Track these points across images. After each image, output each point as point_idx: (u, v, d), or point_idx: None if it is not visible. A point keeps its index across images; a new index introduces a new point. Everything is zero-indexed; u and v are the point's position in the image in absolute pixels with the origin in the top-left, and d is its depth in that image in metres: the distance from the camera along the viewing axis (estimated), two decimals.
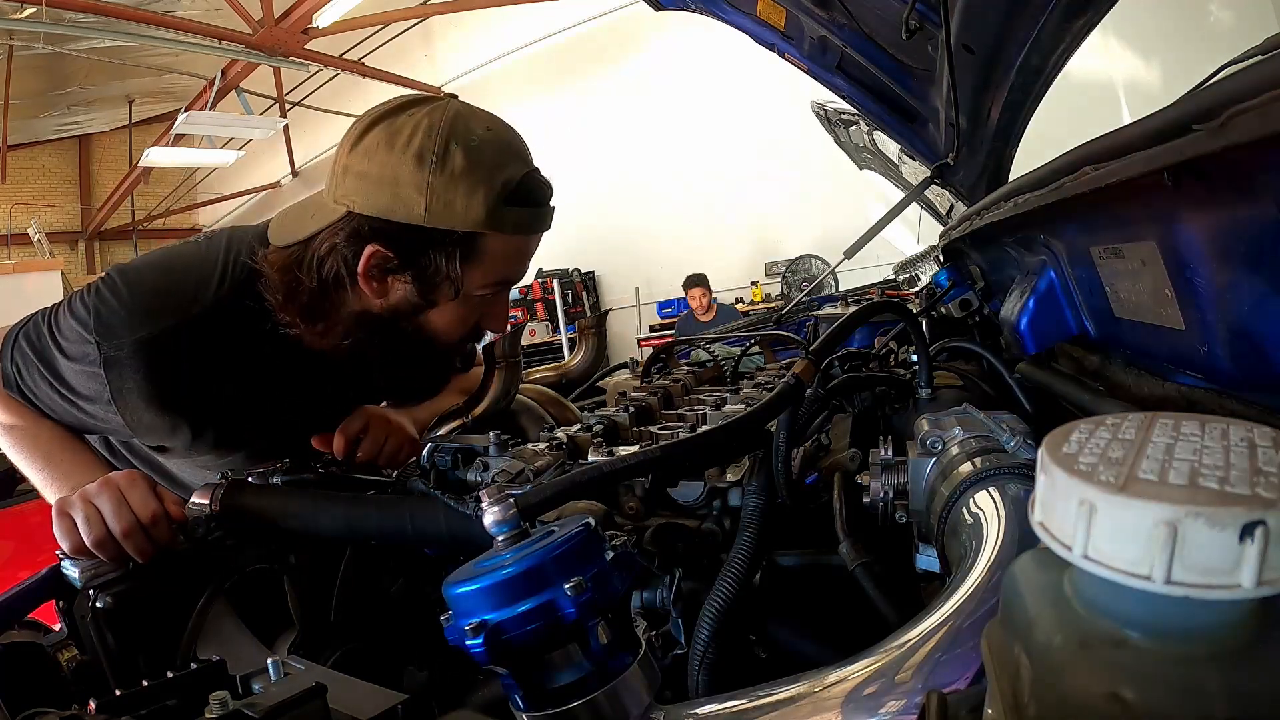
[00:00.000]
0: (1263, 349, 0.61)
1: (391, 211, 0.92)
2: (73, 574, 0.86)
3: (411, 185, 0.91)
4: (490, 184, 0.93)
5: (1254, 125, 0.43)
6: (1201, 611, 0.25)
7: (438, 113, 0.94)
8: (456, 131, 0.93)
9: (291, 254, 0.99)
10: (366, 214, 0.93)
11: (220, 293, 1.02)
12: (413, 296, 0.99)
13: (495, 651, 0.48)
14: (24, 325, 1.08)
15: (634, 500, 0.92)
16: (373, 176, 0.93)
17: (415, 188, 0.91)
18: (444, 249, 0.95)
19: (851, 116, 2.89)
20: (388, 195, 0.92)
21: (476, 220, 0.93)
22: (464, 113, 0.96)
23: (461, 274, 0.97)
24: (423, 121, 0.93)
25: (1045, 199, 0.84)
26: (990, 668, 0.31)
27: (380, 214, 0.93)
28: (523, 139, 1.01)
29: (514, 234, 0.99)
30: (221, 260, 1.05)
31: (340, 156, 0.96)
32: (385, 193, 0.92)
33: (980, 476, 0.65)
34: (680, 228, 8.33)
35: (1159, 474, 0.27)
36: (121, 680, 0.80)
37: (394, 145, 0.92)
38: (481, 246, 0.97)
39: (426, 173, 0.91)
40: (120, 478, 0.89)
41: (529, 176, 0.98)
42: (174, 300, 1.01)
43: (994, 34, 1.14)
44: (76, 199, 13.16)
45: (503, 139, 0.97)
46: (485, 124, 0.96)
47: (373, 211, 0.93)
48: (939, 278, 1.74)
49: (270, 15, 7.37)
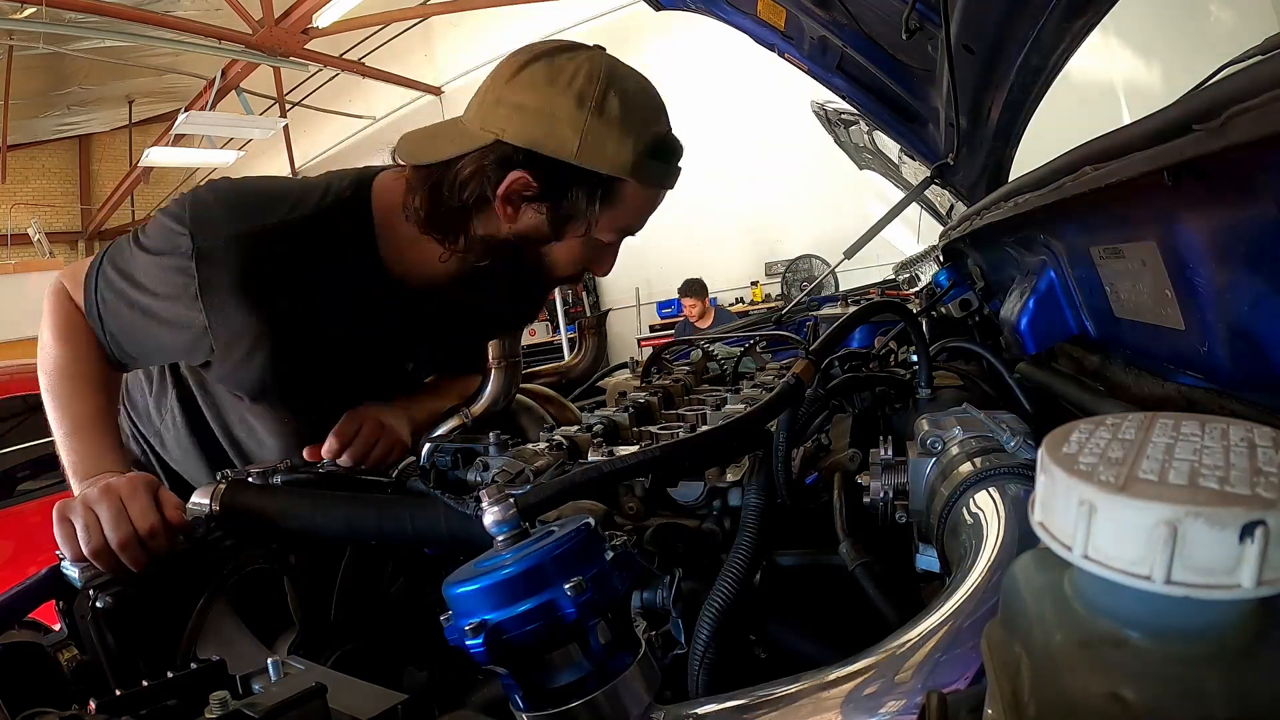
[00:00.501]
0: (1263, 349, 0.61)
1: (543, 144, 0.96)
2: (73, 574, 0.86)
3: (568, 122, 0.95)
4: (641, 134, 0.98)
5: (1254, 125, 0.43)
6: (1201, 611, 0.25)
7: (598, 59, 0.98)
8: (615, 80, 0.97)
9: (431, 173, 1.01)
10: (518, 144, 0.96)
11: (322, 206, 1.04)
12: (544, 227, 1.02)
13: (495, 651, 0.48)
14: (107, 250, 1.09)
15: (634, 500, 0.92)
16: (530, 108, 0.96)
17: (571, 125, 0.95)
18: (585, 188, 0.99)
19: (851, 116, 2.90)
20: (543, 128, 0.95)
21: (624, 166, 0.97)
22: (619, 65, 1.00)
23: (597, 215, 1.01)
24: (584, 66, 0.96)
25: (1045, 199, 0.84)
26: (990, 668, 0.31)
27: (532, 145, 0.96)
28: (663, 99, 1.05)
29: (650, 186, 1.03)
30: (324, 185, 1.07)
31: (493, 87, 0.99)
32: (541, 125, 0.95)
33: (980, 476, 0.65)
34: (680, 228, 8.30)
35: (1159, 474, 0.27)
36: (121, 680, 0.80)
37: (555, 82, 0.95)
38: (621, 192, 1.00)
39: (585, 114, 0.95)
40: (122, 486, 0.88)
41: (669, 134, 1.03)
42: (276, 203, 1.03)
43: (994, 34, 1.14)
44: (76, 199, 13.16)
45: (653, 96, 1.02)
46: (638, 80, 1.01)
47: (524, 142, 0.96)
48: (939, 278, 1.74)
49: (270, 15, 7.37)
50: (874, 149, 3.04)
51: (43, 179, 12.75)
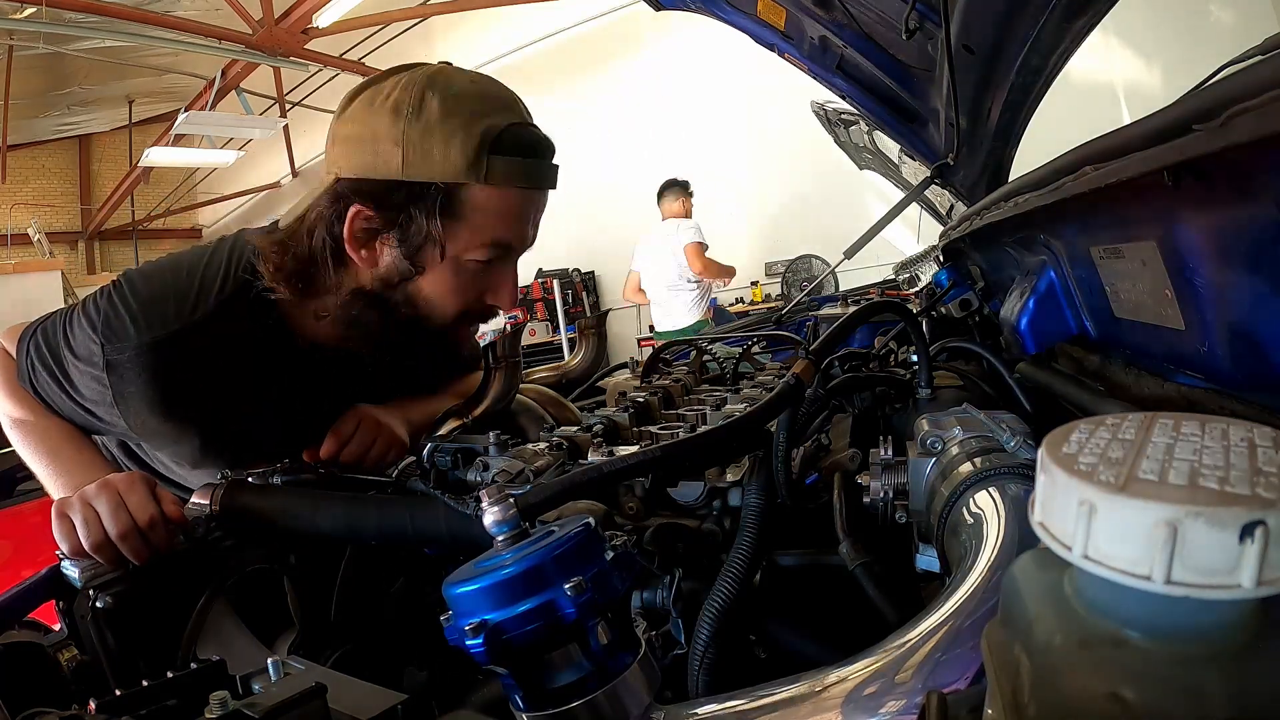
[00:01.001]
0: (1263, 349, 0.61)
1: (372, 169, 0.91)
2: (73, 574, 0.86)
3: (388, 139, 0.89)
4: (469, 130, 0.89)
5: (1254, 125, 0.43)
6: (1201, 611, 0.25)
7: (419, 70, 0.92)
8: (435, 83, 0.90)
9: (287, 230, 0.99)
10: (349, 175, 0.92)
11: (223, 295, 1.02)
12: (400, 262, 0.96)
13: (495, 651, 0.48)
14: (43, 322, 1.09)
15: (634, 500, 0.92)
16: (353, 137, 0.92)
17: (392, 140, 0.89)
18: (424, 203, 0.91)
19: (851, 116, 2.89)
20: (368, 153, 0.91)
21: (455, 169, 0.89)
22: (448, 71, 0.94)
23: (444, 231, 0.93)
24: (403, 79, 0.91)
25: (1045, 199, 0.84)
26: (990, 668, 0.31)
27: (361, 173, 0.91)
28: (516, 96, 0.97)
29: (503, 186, 0.93)
30: (225, 262, 1.04)
31: (330, 129, 0.96)
32: (365, 151, 0.91)
33: (980, 476, 0.65)
34: None
35: (1159, 474, 0.27)
36: (121, 680, 0.80)
37: (374, 103, 0.91)
38: (465, 199, 0.92)
39: (402, 124, 0.88)
40: (120, 480, 0.89)
41: (518, 125, 0.93)
42: (177, 305, 1.01)
43: (994, 34, 1.14)
44: (76, 199, 13.14)
45: (488, 90, 0.93)
46: (471, 78, 0.94)
47: (352, 171, 0.92)
48: (939, 278, 1.74)
49: (270, 15, 7.37)
50: (874, 149, 3.04)
51: (43, 179, 12.74)
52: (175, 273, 1.05)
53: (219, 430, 1.08)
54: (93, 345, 1.00)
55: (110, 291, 1.03)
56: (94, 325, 1.00)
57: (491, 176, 0.91)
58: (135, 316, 1.00)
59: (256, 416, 1.08)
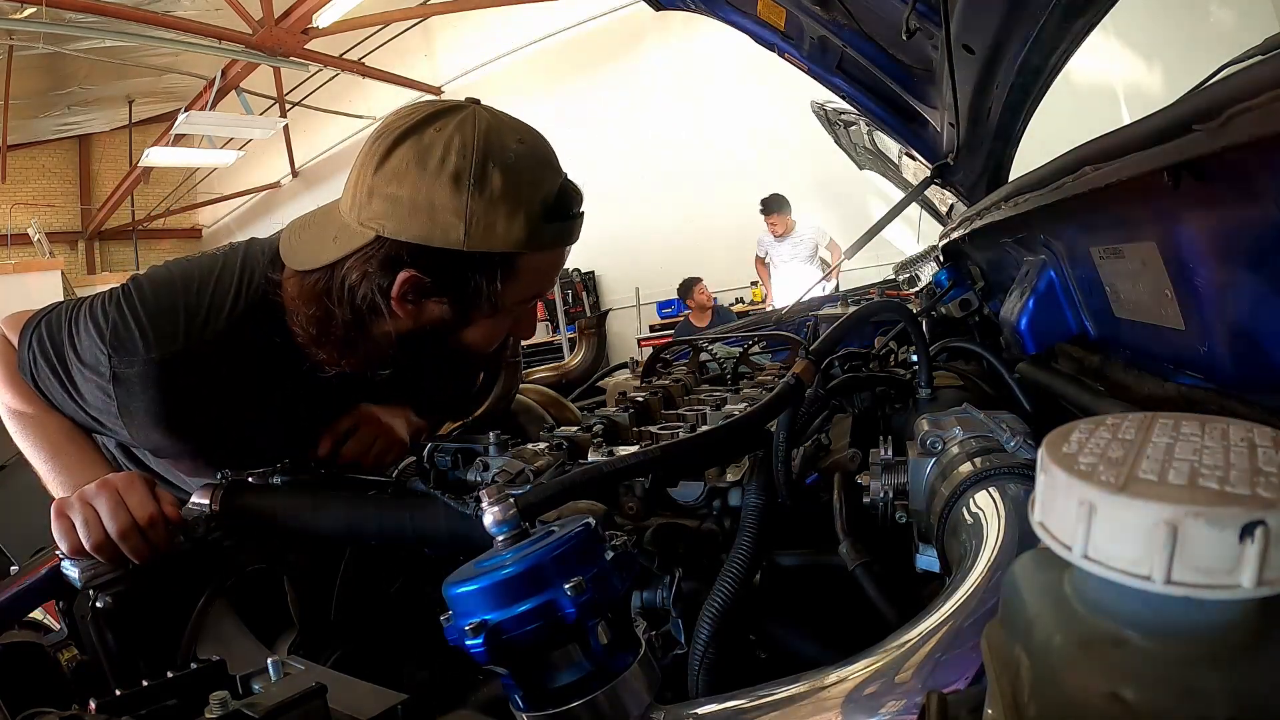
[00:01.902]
0: (1263, 349, 0.61)
1: (429, 237, 0.89)
2: (73, 574, 0.86)
3: (449, 210, 0.88)
4: (531, 204, 0.91)
5: (1254, 125, 0.43)
6: (1201, 611, 0.25)
7: (468, 127, 0.90)
8: (492, 149, 0.89)
9: (317, 281, 0.96)
10: (401, 239, 0.90)
11: (234, 315, 1.01)
12: (448, 315, 0.98)
13: (495, 651, 0.48)
14: (46, 314, 1.08)
15: (634, 500, 0.92)
16: (405, 200, 0.89)
17: (454, 212, 0.88)
18: (483, 271, 0.93)
19: (851, 116, 2.90)
20: (423, 220, 0.88)
21: (518, 241, 0.91)
22: (494, 125, 0.92)
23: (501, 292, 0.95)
24: (454, 139, 0.89)
25: (1045, 199, 0.84)
26: (990, 668, 0.31)
27: (417, 239, 0.89)
28: (549, 145, 0.99)
29: (551, 250, 0.97)
30: (237, 278, 1.03)
31: (363, 176, 0.91)
32: (421, 218, 0.88)
33: (980, 476, 0.65)
34: (680, 227, 8.33)
35: (1159, 474, 0.27)
36: (121, 680, 0.80)
37: (426, 166, 0.88)
38: (521, 264, 0.95)
39: (465, 196, 0.88)
40: (119, 479, 0.89)
41: (563, 188, 0.96)
42: (187, 322, 1.00)
43: (994, 34, 1.14)
44: (76, 199, 13.15)
45: (537, 152, 0.95)
46: (517, 136, 0.93)
47: (408, 237, 0.89)
48: (939, 278, 1.74)
49: (270, 15, 7.37)
50: (874, 149, 3.04)
51: (43, 179, 12.74)
52: (186, 285, 1.04)
53: (221, 441, 1.07)
54: (99, 354, 0.99)
55: (120, 299, 1.02)
56: (102, 333, 0.99)
57: (546, 243, 0.95)
58: (144, 330, 0.98)
59: (260, 424, 1.08)
